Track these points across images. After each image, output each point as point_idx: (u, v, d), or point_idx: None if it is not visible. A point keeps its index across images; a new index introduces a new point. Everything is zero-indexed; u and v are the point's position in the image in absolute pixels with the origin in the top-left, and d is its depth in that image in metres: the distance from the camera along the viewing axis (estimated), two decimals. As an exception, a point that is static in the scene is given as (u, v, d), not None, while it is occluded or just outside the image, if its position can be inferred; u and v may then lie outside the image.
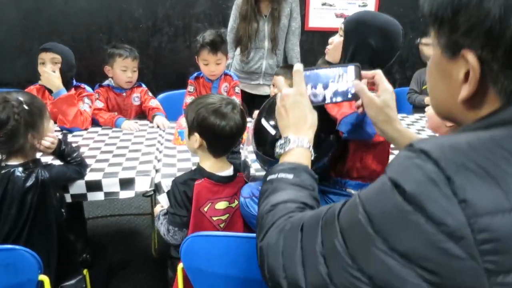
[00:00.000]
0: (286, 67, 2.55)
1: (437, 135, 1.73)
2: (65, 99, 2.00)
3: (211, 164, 1.36)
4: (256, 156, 1.35)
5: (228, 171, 1.38)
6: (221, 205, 1.36)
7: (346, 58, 1.38)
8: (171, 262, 1.47)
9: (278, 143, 0.88)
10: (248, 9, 2.61)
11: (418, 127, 2.28)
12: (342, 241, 0.55)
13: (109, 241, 2.41)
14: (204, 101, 1.34)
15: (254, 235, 1.09)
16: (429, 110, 1.63)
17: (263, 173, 1.45)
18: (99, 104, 2.27)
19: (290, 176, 0.78)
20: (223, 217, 1.37)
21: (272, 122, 1.27)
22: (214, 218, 1.35)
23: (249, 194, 1.34)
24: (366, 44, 1.35)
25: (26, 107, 1.31)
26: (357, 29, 1.38)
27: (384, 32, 1.34)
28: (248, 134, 1.56)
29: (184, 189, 1.32)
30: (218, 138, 1.32)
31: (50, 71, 2.01)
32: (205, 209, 1.33)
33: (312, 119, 0.90)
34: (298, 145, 0.85)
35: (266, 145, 1.26)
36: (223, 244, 1.07)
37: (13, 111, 1.28)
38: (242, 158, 1.55)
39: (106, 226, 2.60)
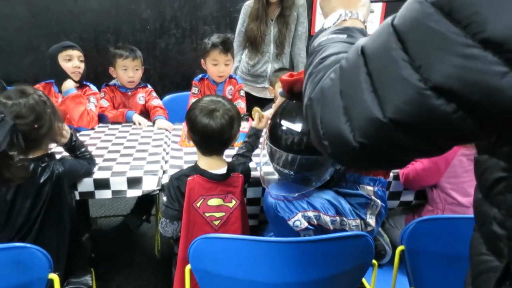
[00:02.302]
0: (280, 71, 2.56)
1: None
2: (73, 98, 2.04)
3: (205, 162, 1.42)
4: (272, 157, 1.36)
5: (222, 169, 1.42)
6: (214, 202, 1.39)
7: None
8: (176, 260, 1.49)
9: (324, 25, 0.79)
10: (259, 8, 2.62)
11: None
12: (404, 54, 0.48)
13: (113, 240, 2.42)
14: (201, 98, 1.43)
15: (260, 238, 1.11)
16: None
17: (274, 176, 1.46)
18: (105, 103, 2.30)
19: (343, 36, 0.70)
20: (217, 214, 1.40)
21: (294, 121, 1.29)
22: (207, 214, 1.39)
23: (280, 196, 1.36)
24: None
25: (48, 98, 1.36)
26: None
27: None
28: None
29: (177, 184, 1.39)
30: (198, 135, 1.38)
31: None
32: (198, 204, 1.37)
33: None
34: (351, 18, 0.77)
35: (292, 145, 1.29)
36: (230, 246, 1.08)
37: (43, 100, 1.31)
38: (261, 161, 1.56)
39: (110, 225, 2.60)
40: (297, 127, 1.29)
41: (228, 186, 1.41)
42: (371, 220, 1.44)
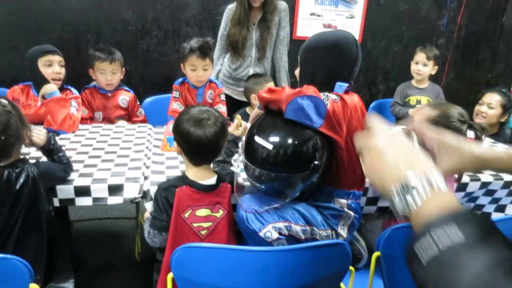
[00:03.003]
0: (255, 76, 2.58)
1: None
2: (58, 101, 2.02)
3: (194, 172, 1.42)
4: (245, 170, 1.39)
5: (211, 180, 1.43)
6: (202, 212, 1.40)
7: (309, 83, 1.42)
8: (157, 265, 1.50)
9: (395, 200, 0.57)
10: (242, 13, 2.63)
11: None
12: None
13: (93, 244, 2.40)
14: (187, 110, 1.42)
15: (242, 247, 1.13)
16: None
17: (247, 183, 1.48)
18: (84, 112, 2.29)
19: (459, 236, 0.47)
20: (204, 225, 1.41)
21: (268, 138, 1.31)
22: (195, 225, 1.39)
23: (251, 209, 1.37)
24: (322, 66, 1.43)
25: (13, 106, 1.34)
26: (309, 56, 1.47)
27: (333, 49, 1.42)
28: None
29: (165, 195, 1.38)
30: (192, 146, 1.38)
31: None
32: (186, 215, 1.38)
33: (423, 154, 0.61)
34: (431, 186, 0.54)
35: (263, 161, 1.31)
36: (212, 255, 1.09)
37: (7, 110, 1.30)
38: (233, 169, 1.58)
39: (90, 228, 2.58)
40: (269, 144, 1.31)
41: (217, 197, 1.42)
42: (343, 231, 1.48)
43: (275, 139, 1.32)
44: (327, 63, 1.42)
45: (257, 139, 1.34)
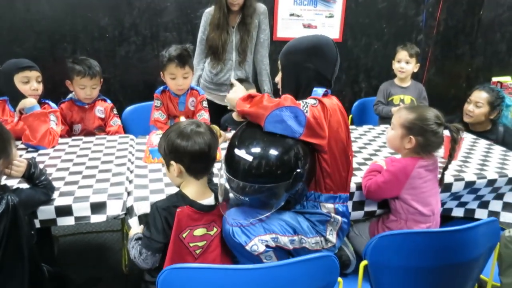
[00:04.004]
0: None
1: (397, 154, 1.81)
2: (38, 116, 1.97)
3: (192, 190, 1.38)
4: (228, 183, 1.38)
5: (210, 199, 1.41)
6: (199, 232, 1.37)
7: (292, 87, 1.45)
8: (145, 286, 1.47)
9: None
10: (220, 17, 2.61)
11: (384, 139, 2.35)
12: None
13: (78, 258, 2.37)
14: (172, 128, 1.39)
15: (228, 266, 1.12)
16: (389, 132, 1.71)
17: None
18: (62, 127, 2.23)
19: None
20: (200, 244, 1.38)
21: (248, 150, 1.31)
22: (191, 245, 1.36)
23: (236, 223, 1.36)
24: (305, 68, 1.45)
25: None
26: (291, 59, 1.48)
27: (315, 51, 1.45)
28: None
29: (165, 215, 1.33)
30: (192, 158, 1.34)
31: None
32: (184, 235, 1.34)
33: None
34: None
35: (245, 173, 1.31)
36: (199, 276, 1.08)
37: None
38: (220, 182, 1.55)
39: (75, 242, 2.54)
40: (249, 156, 1.31)
41: (214, 215, 1.40)
42: (331, 236, 1.48)
43: (255, 150, 1.32)
44: (311, 63, 1.44)
45: (237, 151, 1.33)
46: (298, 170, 1.33)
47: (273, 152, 1.31)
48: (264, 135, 1.35)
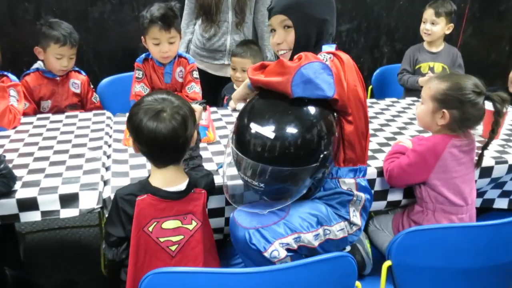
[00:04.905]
0: (246, 44, 2.53)
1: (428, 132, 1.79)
2: None
3: (159, 176, 1.38)
4: (238, 169, 1.36)
5: (180, 185, 1.39)
6: (170, 224, 1.37)
7: (304, 47, 1.45)
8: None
9: None
10: None
11: (410, 115, 2.33)
12: None
13: (50, 259, 2.38)
14: (142, 100, 1.36)
15: (226, 270, 1.12)
16: (418, 108, 1.69)
17: (238, 182, 1.46)
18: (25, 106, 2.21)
19: None
20: (174, 239, 1.38)
21: (267, 125, 1.29)
22: (162, 239, 1.36)
23: (253, 225, 1.35)
24: (320, 22, 1.49)
25: None
26: (307, 14, 1.48)
27: (328, 0, 1.51)
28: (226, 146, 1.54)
29: (122, 206, 1.34)
30: (150, 145, 1.32)
31: None
32: (150, 229, 1.35)
33: None
34: None
35: (262, 154, 1.28)
36: (190, 280, 1.08)
37: None
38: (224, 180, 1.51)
39: (45, 240, 2.55)
40: (269, 132, 1.28)
41: (187, 205, 1.38)
42: (355, 218, 1.48)
43: (274, 125, 1.29)
44: (328, 16, 1.49)
45: (253, 126, 1.30)
46: (325, 152, 1.32)
47: (299, 129, 1.29)
48: (285, 107, 1.32)
